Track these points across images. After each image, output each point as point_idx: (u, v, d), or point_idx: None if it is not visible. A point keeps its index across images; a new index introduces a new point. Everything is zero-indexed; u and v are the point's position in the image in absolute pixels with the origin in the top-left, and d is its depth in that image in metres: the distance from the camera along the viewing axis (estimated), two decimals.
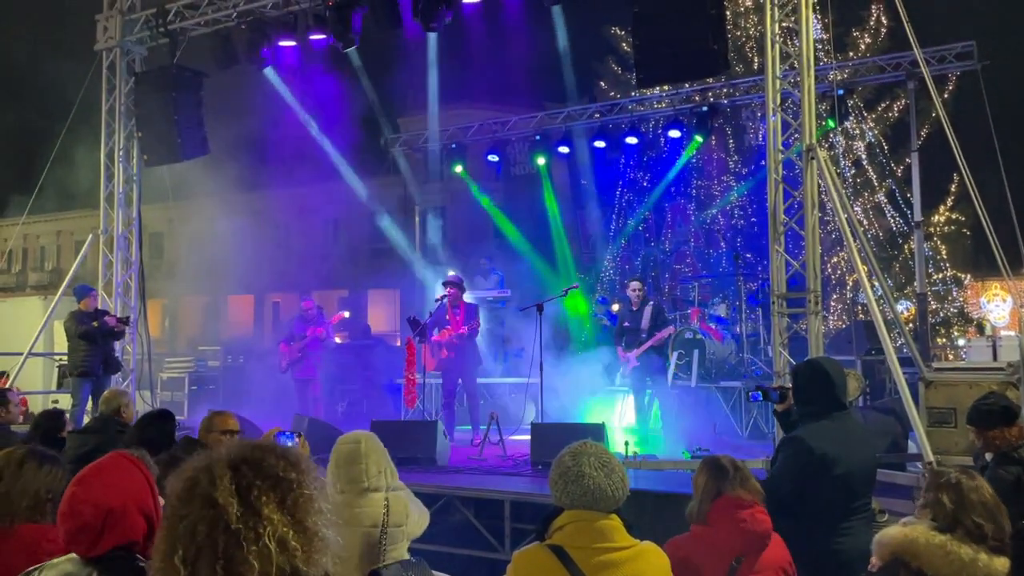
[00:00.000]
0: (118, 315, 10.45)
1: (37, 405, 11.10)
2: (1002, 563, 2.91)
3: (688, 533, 3.43)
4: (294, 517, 1.53)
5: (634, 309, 10.08)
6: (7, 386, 9.57)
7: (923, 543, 2.93)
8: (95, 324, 9.79)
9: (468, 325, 9.88)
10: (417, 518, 3.90)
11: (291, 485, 1.56)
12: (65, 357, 10.51)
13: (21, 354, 11.06)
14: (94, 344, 9.81)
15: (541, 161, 15.71)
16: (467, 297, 10.75)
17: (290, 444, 3.55)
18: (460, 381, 10.19)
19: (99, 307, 10.37)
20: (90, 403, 9.69)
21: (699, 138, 14.34)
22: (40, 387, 12.89)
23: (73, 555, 2.21)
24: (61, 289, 11.67)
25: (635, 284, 10.35)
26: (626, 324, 10.13)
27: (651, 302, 10.25)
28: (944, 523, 2.97)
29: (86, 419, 9.25)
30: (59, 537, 2.96)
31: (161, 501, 2.33)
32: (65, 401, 10.60)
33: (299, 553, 1.51)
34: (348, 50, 10.24)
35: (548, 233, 17.57)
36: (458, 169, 16.40)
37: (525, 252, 17.05)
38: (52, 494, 3.07)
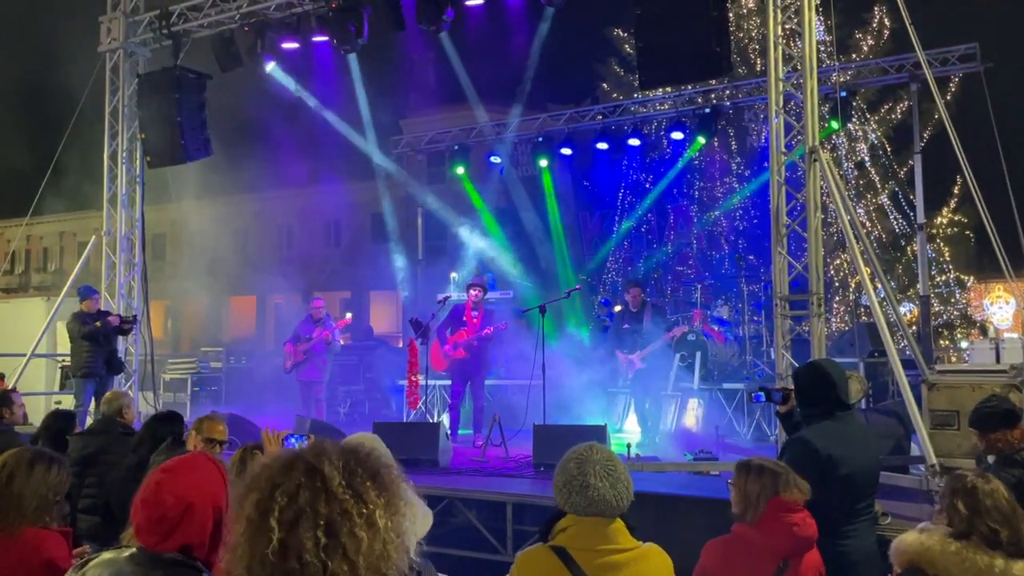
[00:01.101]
0: (121, 315, 10.46)
1: (40, 406, 11.12)
2: (1021, 568, 2.89)
3: (730, 535, 3.42)
4: (389, 507, 1.52)
5: (633, 311, 10.08)
6: (9, 388, 9.58)
7: (939, 551, 2.91)
8: (98, 324, 9.81)
9: (494, 326, 9.86)
10: (422, 519, 3.91)
11: (388, 483, 1.55)
12: (68, 358, 10.54)
13: (24, 355, 11.08)
14: (97, 345, 9.83)
15: (543, 163, 15.72)
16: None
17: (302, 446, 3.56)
18: (469, 383, 10.17)
19: (102, 308, 10.39)
20: (94, 404, 9.71)
21: (702, 139, 14.35)
22: (43, 388, 12.90)
23: (131, 551, 2.18)
24: (64, 290, 11.69)
25: (635, 290, 10.38)
26: (625, 327, 10.12)
27: (650, 304, 10.26)
28: (959, 529, 2.95)
29: (89, 420, 9.27)
30: (60, 542, 2.98)
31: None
32: (68, 402, 10.63)
33: (395, 542, 1.49)
34: (352, 51, 10.23)
35: (549, 235, 17.59)
36: (459, 171, 16.41)
37: (526, 254, 17.06)
38: (58, 496, 3.09)
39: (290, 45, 10.47)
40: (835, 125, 12.59)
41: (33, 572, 2.90)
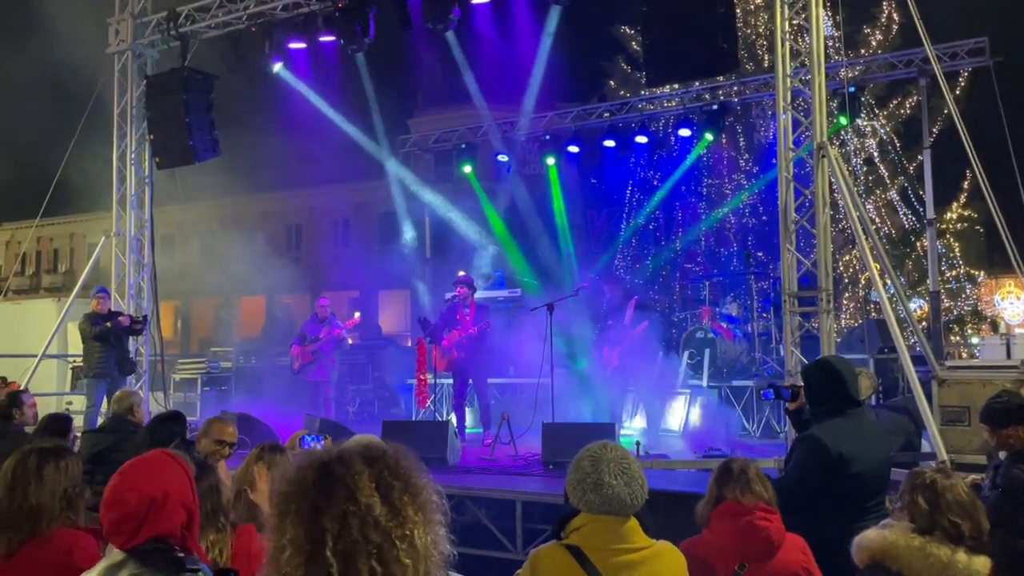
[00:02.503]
0: (131, 316, 10.49)
1: (51, 407, 11.17)
2: (982, 562, 2.87)
3: (698, 536, 3.42)
4: (426, 521, 1.51)
5: (616, 306, 10.02)
6: (20, 388, 9.63)
7: (902, 545, 2.90)
8: (108, 325, 9.85)
9: (478, 325, 9.88)
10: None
11: (420, 490, 1.54)
12: (79, 359, 10.58)
13: (35, 356, 11.14)
14: (108, 345, 9.87)
15: (551, 161, 15.70)
16: (476, 297, 10.74)
17: (318, 447, 3.59)
18: (471, 382, 10.19)
19: (112, 308, 10.43)
20: (105, 404, 9.75)
21: (710, 136, 14.31)
22: (54, 389, 12.97)
23: (111, 561, 2.22)
24: (75, 291, 11.75)
25: (609, 287, 10.41)
26: (609, 323, 10.07)
27: (634, 298, 10.21)
28: (921, 524, 2.94)
29: (101, 420, 9.31)
30: (92, 543, 2.97)
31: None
32: (79, 403, 10.68)
33: (434, 556, 1.49)
34: (359, 51, 10.24)
35: (557, 233, 17.56)
36: (467, 170, 16.41)
37: (533, 253, 17.04)
38: (77, 487, 3.07)
39: (297, 45, 10.48)
40: (844, 120, 12.54)
41: (68, 574, 2.87)
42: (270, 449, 3.60)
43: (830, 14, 10.48)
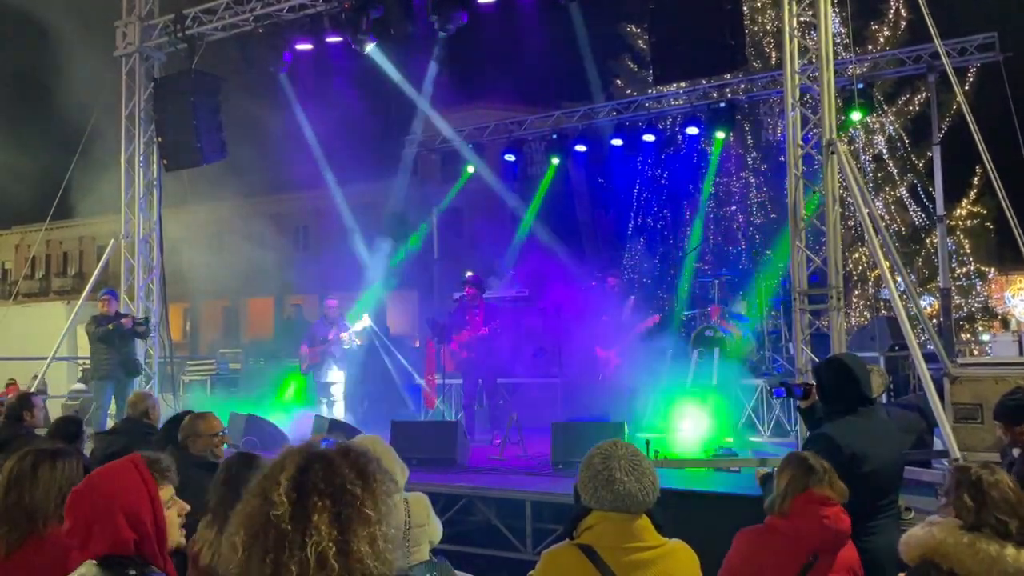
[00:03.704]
0: (135, 317, 10.48)
1: (61, 410, 11.23)
2: None
3: (762, 525, 3.44)
4: (343, 535, 1.47)
5: (615, 304, 9.93)
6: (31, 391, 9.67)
7: (952, 543, 2.90)
8: (110, 327, 9.88)
9: (489, 326, 9.83)
10: (436, 523, 3.91)
11: (351, 500, 1.50)
12: (88, 361, 10.61)
13: (46, 358, 11.19)
14: (112, 347, 9.90)
15: (557, 160, 15.68)
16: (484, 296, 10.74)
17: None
18: (480, 382, 10.17)
19: (120, 310, 10.45)
20: (113, 406, 9.78)
21: (721, 134, 14.27)
22: (64, 391, 13.02)
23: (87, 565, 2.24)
24: (84, 294, 11.79)
25: (612, 279, 10.23)
26: (604, 318, 9.97)
27: (633, 295, 10.14)
28: (968, 521, 2.94)
29: (110, 422, 9.35)
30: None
31: (165, 512, 2.36)
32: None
33: (334, 574, 1.46)
34: (366, 51, 10.25)
35: (564, 232, 17.56)
36: (471, 170, 16.44)
37: (541, 252, 17.02)
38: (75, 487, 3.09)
39: (304, 46, 10.49)
40: (855, 116, 12.46)
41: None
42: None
43: (837, 10, 10.42)
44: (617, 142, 14.84)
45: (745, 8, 15.05)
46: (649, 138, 14.68)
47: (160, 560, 2.31)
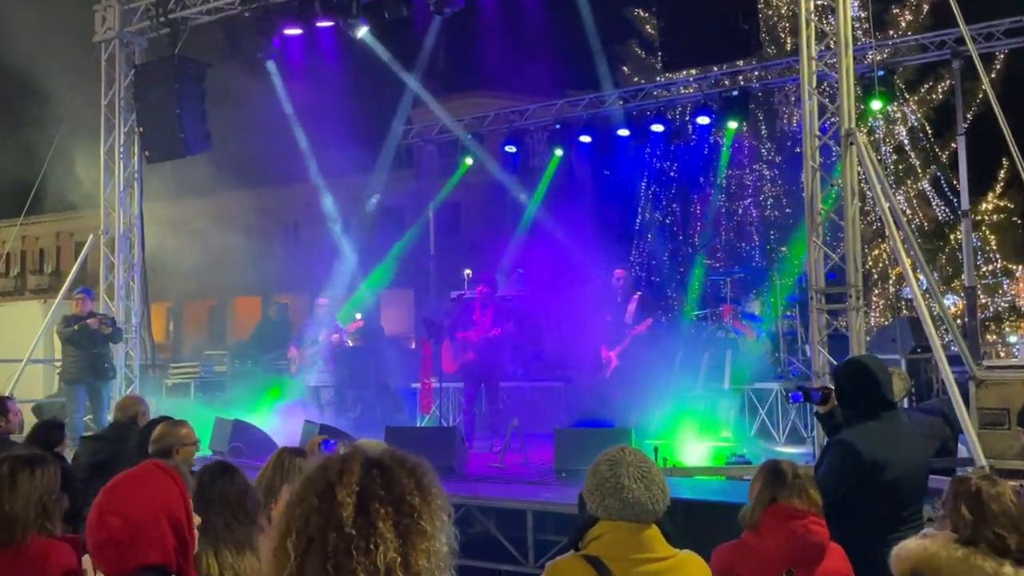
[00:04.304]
0: (101, 316, 10.34)
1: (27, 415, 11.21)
2: None
3: (738, 540, 3.44)
4: (403, 547, 1.47)
5: (618, 300, 9.84)
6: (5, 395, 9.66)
7: (944, 556, 2.87)
8: (75, 328, 9.87)
9: (501, 327, 9.74)
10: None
11: (410, 511, 1.50)
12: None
13: (20, 361, 11.18)
14: (80, 349, 9.90)
15: (561, 152, 15.67)
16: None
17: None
18: (482, 386, 10.15)
19: (95, 310, 10.42)
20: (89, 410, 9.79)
21: (734, 124, 14.25)
22: (41, 395, 13.01)
23: None
24: (61, 293, 11.78)
25: (619, 271, 10.03)
26: (608, 319, 9.88)
27: (638, 293, 10.06)
28: (965, 535, 2.91)
29: (85, 428, 9.36)
30: (68, 552, 2.98)
31: (196, 518, 2.27)
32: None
33: None
34: (358, 36, 10.24)
35: (569, 228, 17.53)
36: (468, 162, 16.43)
37: (544, 248, 17.02)
38: (53, 495, 3.08)
39: (293, 31, 10.48)
40: (875, 104, 12.45)
41: None
42: (292, 455, 3.55)
43: None
44: (624, 132, 14.82)
45: None
46: (658, 128, 14.68)
47: (190, 570, 2.24)
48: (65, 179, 13.64)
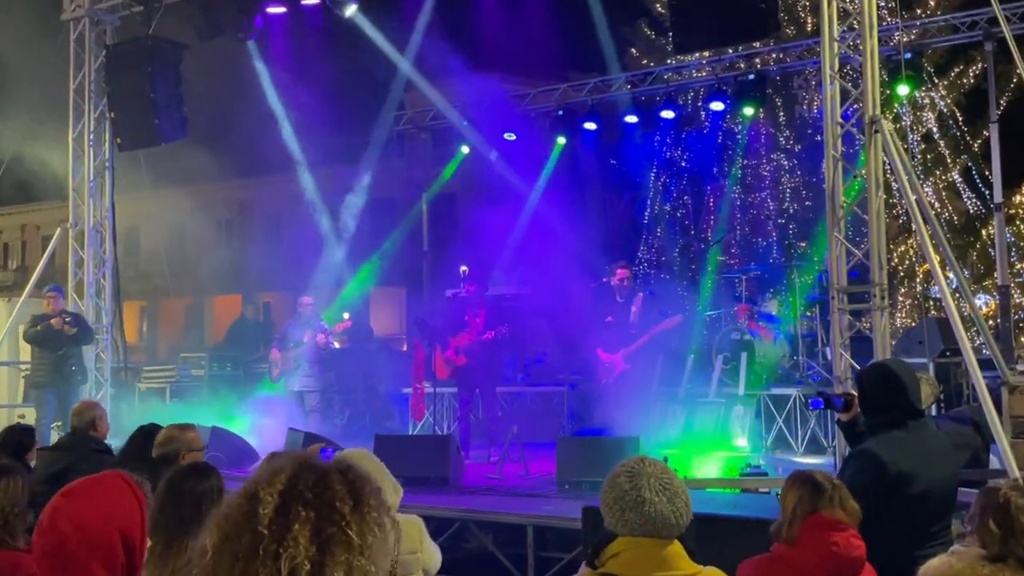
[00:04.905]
0: (66, 316, 10.25)
1: (2, 420, 11.21)
2: None
3: (768, 554, 3.45)
4: (320, 555, 1.45)
5: (619, 300, 9.79)
6: None
7: (969, 575, 2.87)
8: (38, 328, 9.87)
9: (495, 330, 9.69)
10: (432, 550, 3.91)
11: (335, 519, 1.49)
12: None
13: None
14: (45, 350, 9.90)
15: (564, 140, 15.68)
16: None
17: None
18: (478, 392, 10.15)
19: (68, 309, 10.42)
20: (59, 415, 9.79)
21: (750, 110, 14.25)
22: (6, 400, 13.01)
23: None
24: (27, 289, 11.78)
25: (622, 271, 9.87)
26: (609, 319, 9.84)
27: (642, 293, 10.04)
28: (993, 552, 2.90)
29: (53, 434, 9.36)
30: (32, 566, 2.99)
31: (148, 541, 2.28)
32: (32, 416, 10.70)
33: None
34: (347, 15, 10.23)
35: (573, 220, 17.55)
36: (464, 150, 16.44)
37: (546, 243, 17.03)
38: (17, 508, 3.10)
39: (276, 9, 10.48)
40: (902, 89, 12.45)
41: None
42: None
43: None
44: (632, 119, 14.85)
45: None
46: (668, 114, 14.68)
47: None
48: (31, 168, 13.65)
